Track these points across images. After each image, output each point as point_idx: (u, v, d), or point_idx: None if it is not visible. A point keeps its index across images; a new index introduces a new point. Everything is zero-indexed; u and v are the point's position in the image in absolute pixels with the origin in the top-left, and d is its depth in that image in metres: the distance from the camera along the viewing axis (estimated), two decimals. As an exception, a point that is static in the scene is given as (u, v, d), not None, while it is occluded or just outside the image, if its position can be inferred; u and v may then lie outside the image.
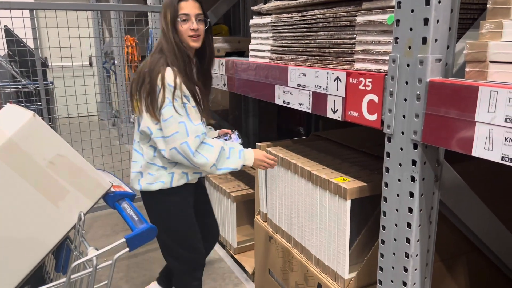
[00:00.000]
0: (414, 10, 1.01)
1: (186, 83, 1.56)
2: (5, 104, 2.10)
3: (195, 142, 1.55)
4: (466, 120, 0.91)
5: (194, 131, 1.55)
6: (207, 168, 1.59)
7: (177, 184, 1.66)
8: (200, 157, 1.56)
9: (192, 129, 1.55)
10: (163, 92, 1.53)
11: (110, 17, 5.22)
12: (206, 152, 1.58)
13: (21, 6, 2.45)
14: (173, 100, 1.52)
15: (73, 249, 0.90)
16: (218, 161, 1.60)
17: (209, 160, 1.58)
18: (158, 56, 1.60)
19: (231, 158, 1.64)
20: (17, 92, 3.68)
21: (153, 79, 1.54)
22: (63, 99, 2.92)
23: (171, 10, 1.59)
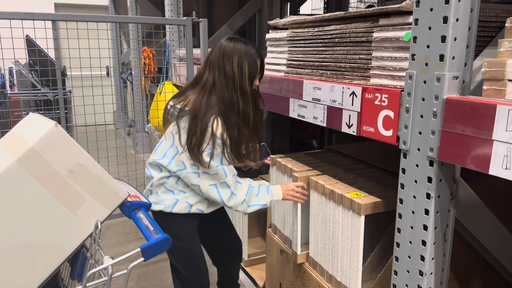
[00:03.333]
0: (431, 27, 1.02)
1: (234, 134, 1.54)
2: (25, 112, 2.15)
3: (233, 180, 1.60)
4: (483, 138, 0.91)
5: (231, 171, 1.59)
6: (238, 206, 1.62)
7: (178, 211, 1.66)
8: (233, 197, 1.60)
9: (229, 169, 1.58)
10: (210, 142, 1.51)
11: (128, 29, 5.32)
12: (237, 189, 1.61)
13: (44, 17, 2.51)
14: (214, 149, 1.52)
15: (88, 257, 0.92)
16: (248, 198, 1.63)
17: (239, 198, 1.61)
18: (212, 100, 1.54)
19: (260, 195, 1.65)
20: (36, 100, 3.76)
21: (204, 126, 1.51)
22: (80, 108, 2.97)
23: (251, 64, 1.55)
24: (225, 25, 3.46)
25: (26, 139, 0.87)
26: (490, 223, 1.32)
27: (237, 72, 1.52)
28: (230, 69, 1.53)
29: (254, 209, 1.65)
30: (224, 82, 1.53)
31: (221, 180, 1.58)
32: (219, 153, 1.54)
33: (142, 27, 4.92)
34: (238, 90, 1.53)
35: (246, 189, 1.63)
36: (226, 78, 1.53)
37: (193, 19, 2.84)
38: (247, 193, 1.62)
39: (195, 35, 3.10)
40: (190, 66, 2.95)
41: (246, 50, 1.56)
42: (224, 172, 1.57)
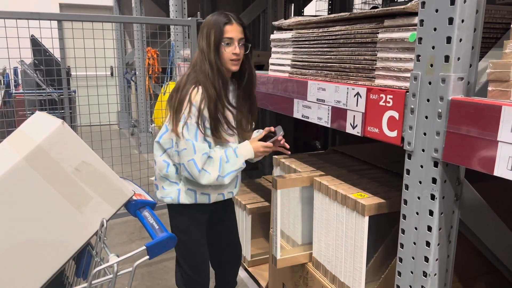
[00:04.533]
0: (436, 28, 1.02)
1: (211, 107, 1.56)
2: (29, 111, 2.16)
3: (202, 159, 1.57)
4: (488, 139, 0.91)
5: (200, 149, 1.57)
6: (214, 182, 1.60)
7: (185, 201, 1.69)
8: (204, 174, 1.58)
9: (199, 147, 1.56)
10: (186, 110, 1.55)
11: (132, 29, 5.33)
12: (209, 166, 1.59)
13: (50, 17, 2.53)
14: (188, 118, 1.54)
15: (94, 255, 0.92)
16: (222, 170, 1.61)
17: (212, 175, 1.59)
18: (192, 75, 1.61)
19: (231, 161, 1.62)
20: (40, 100, 3.78)
21: (182, 96, 1.56)
22: (85, 108, 2.99)
23: (216, 31, 1.57)
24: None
25: (33, 137, 0.87)
26: (495, 225, 1.32)
27: (205, 43, 1.58)
28: (202, 41, 1.60)
29: (230, 177, 1.63)
30: (200, 56, 1.60)
31: (188, 157, 1.56)
32: (194, 124, 1.54)
33: (147, 27, 4.93)
34: (207, 61, 1.57)
35: (218, 163, 1.60)
36: (201, 52, 1.60)
37: (198, 19, 2.85)
38: (219, 167, 1.60)
39: (199, 36, 3.10)
40: (194, 67, 2.95)
41: (214, 19, 1.60)
42: (194, 149, 1.55)
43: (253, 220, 2.55)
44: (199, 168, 1.56)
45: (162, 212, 3.62)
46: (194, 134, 1.56)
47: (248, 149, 1.65)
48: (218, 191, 1.74)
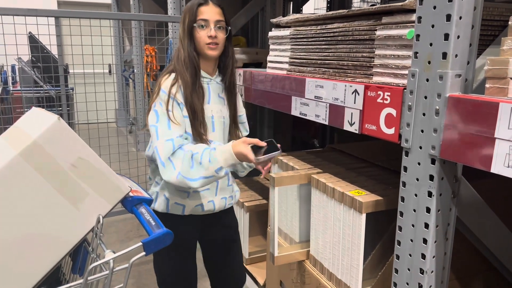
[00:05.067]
0: (434, 25, 1.02)
1: (187, 93, 1.43)
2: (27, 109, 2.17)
3: (166, 146, 1.35)
4: (486, 136, 0.91)
5: (165, 134, 1.36)
6: (175, 181, 1.35)
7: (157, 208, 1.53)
8: (167, 167, 1.35)
9: (163, 132, 1.37)
10: (155, 97, 1.43)
11: (131, 26, 5.32)
12: (176, 158, 1.36)
13: (47, 14, 2.52)
14: (157, 105, 1.41)
15: (90, 251, 0.92)
16: (185, 170, 1.33)
17: (175, 170, 1.34)
18: (170, 66, 1.52)
19: (203, 163, 1.33)
20: (38, 97, 3.77)
21: (157, 86, 1.47)
22: (82, 105, 2.98)
23: (190, 14, 1.46)
24: (228, 23, 3.46)
25: (29, 132, 0.87)
26: (492, 222, 1.32)
27: (181, 29, 1.49)
28: (180, 28, 1.51)
29: (197, 184, 1.34)
30: (178, 41, 1.52)
31: (153, 144, 1.41)
32: (161, 110, 1.39)
33: (145, 24, 4.92)
34: (182, 47, 1.48)
35: (186, 158, 1.34)
36: (179, 37, 1.51)
37: (196, 17, 2.84)
38: (184, 164, 1.33)
39: (197, 33, 3.09)
40: (192, 64, 2.95)
41: (190, 2, 1.50)
42: (156, 134, 1.38)
43: (250, 217, 2.55)
44: (161, 158, 1.34)
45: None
46: (161, 121, 1.39)
47: (227, 154, 1.33)
48: (195, 200, 1.54)
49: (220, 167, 1.32)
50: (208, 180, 1.34)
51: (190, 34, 1.47)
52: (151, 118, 1.40)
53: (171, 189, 1.50)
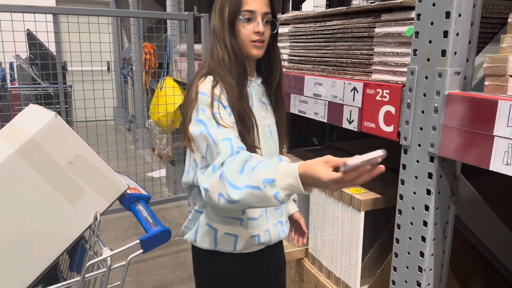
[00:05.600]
0: (433, 22, 1.01)
1: (232, 96, 1.13)
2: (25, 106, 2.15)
3: (223, 147, 1.03)
4: (485, 134, 0.91)
5: (218, 135, 1.06)
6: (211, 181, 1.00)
7: (201, 244, 1.24)
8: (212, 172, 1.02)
9: (215, 134, 1.06)
10: (195, 104, 1.12)
11: (129, 24, 5.31)
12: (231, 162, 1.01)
13: (45, 11, 2.51)
14: (199, 113, 1.10)
15: (87, 249, 0.92)
16: (232, 170, 0.98)
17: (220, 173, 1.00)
18: (204, 67, 1.21)
19: (257, 169, 0.96)
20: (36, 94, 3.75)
21: (191, 92, 1.15)
22: (80, 103, 2.97)
23: (231, 3, 1.16)
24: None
25: (26, 129, 0.87)
26: (490, 221, 1.32)
27: (218, 21, 1.19)
28: (214, 19, 1.21)
29: (241, 195, 0.94)
30: (212, 37, 1.21)
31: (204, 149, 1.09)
32: (209, 115, 1.08)
33: (143, 21, 4.91)
34: (221, 44, 1.17)
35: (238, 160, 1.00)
36: (213, 33, 1.21)
37: (195, 14, 2.84)
38: (231, 163, 0.99)
39: (196, 31, 3.09)
40: (191, 62, 2.95)
41: None
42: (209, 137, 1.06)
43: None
44: (215, 163, 1.02)
45: (157, 208, 3.62)
46: (208, 126, 1.08)
47: (287, 169, 0.93)
48: (250, 229, 1.22)
49: (273, 180, 0.91)
50: (252, 195, 0.93)
51: (232, 27, 1.17)
52: (194, 129, 1.10)
53: (219, 216, 1.20)
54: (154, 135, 4.68)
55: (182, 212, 3.57)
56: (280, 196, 0.91)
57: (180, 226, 1.36)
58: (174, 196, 3.57)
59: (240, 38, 1.18)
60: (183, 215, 3.49)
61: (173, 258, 2.80)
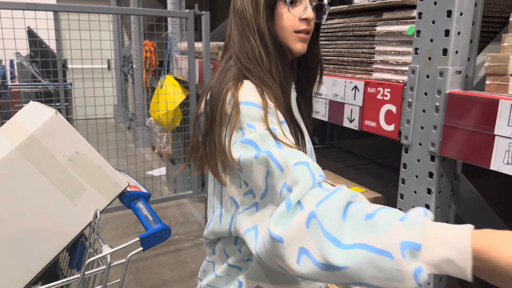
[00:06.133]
0: (435, 21, 1.01)
1: (281, 106, 0.84)
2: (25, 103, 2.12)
3: (300, 174, 0.69)
4: (485, 133, 0.90)
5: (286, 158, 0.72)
6: (293, 227, 0.64)
7: None
8: (294, 209, 0.66)
9: (281, 156, 0.72)
10: (233, 121, 0.79)
11: (130, 21, 5.30)
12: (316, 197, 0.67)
13: (45, 8, 2.50)
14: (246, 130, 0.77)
15: (87, 246, 0.91)
16: (333, 214, 0.63)
17: (307, 209, 0.65)
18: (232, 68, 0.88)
19: (381, 223, 0.60)
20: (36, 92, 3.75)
21: (216, 102, 0.83)
22: (81, 101, 2.97)
23: None
24: (228, 19, 3.45)
25: (26, 126, 0.86)
26: (491, 220, 1.32)
27: (249, 3, 0.88)
28: (241, 3, 0.90)
29: (345, 257, 0.59)
30: (240, 25, 0.89)
31: (276, 180, 0.72)
32: (263, 132, 0.76)
33: (144, 19, 4.90)
34: (255, 34, 0.87)
35: (329, 195, 0.66)
36: (241, 18, 0.89)
37: (195, 12, 2.83)
38: (329, 202, 0.65)
39: (197, 29, 3.09)
40: (191, 60, 2.94)
41: None
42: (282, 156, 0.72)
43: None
44: (291, 198, 0.67)
45: (157, 206, 3.62)
46: (268, 146, 0.75)
47: (448, 237, 0.58)
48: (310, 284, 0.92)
49: (417, 246, 0.56)
50: (369, 263, 0.57)
51: (271, 12, 0.88)
52: (242, 153, 0.76)
53: (274, 273, 0.87)
54: (154, 134, 4.68)
55: (182, 210, 3.57)
56: (422, 276, 0.55)
57: (180, 225, 1.33)
58: (174, 194, 3.57)
59: (281, 27, 0.88)
60: (182, 214, 3.50)
61: (172, 257, 2.80)
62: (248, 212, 0.79)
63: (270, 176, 0.73)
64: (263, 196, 0.76)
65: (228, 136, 0.80)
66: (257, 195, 0.78)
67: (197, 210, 3.57)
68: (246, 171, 0.77)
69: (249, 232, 0.76)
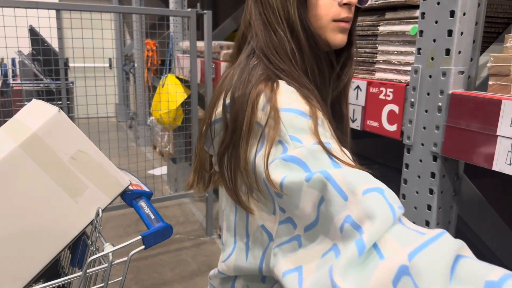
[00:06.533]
0: (438, 21, 1.01)
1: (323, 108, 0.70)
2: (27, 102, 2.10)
3: (376, 205, 0.53)
4: (488, 133, 0.90)
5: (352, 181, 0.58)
6: (386, 271, 0.46)
7: None
8: (371, 256, 0.49)
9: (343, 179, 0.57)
10: (273, 130, 0.63)
11: (131, 20, 5.31)
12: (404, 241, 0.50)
13: (48, 7, 2.50)
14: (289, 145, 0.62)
15: (89, 244, 0.91)
16: (440, 282, 0.44)
17: (397, 256, 0.47)
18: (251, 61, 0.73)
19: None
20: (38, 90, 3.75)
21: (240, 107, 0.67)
22: (82, 99, 2.97)
23: None
24: (230, 18, 3.45)
25: (29, 124, 0.86)
26: (493, 221, 1.32)
27: None
28: None
29: None
30: (263, 15, 0.74)
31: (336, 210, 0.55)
32: (314, 147, 0.61)
33: (146, 18, 4.91)
34: (283, 22, 0.72)
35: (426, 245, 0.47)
36: (263, 6, 0.74)
37: (198, 11, 2.83)
38: (421, 255, 0.46)
39: (199, 28, 3.09)
40: (193, 59, 2.94)
41: None
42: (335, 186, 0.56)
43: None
44: (364, 239, 0.50)
45: (158, 206, 3.62)
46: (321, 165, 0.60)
47: None
48: None
49: None
50: None
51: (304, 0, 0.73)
52: (286, 174, 0.60)
53: None
54: (156, 133, 4.68)
55: (183, 210, 3.58)
56: None
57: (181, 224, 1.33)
58: (175, 194, 3.58)
59: (317, 16, 0.73)
60: (183, 213, 3.50)
61: (173, 256, 2.80)
62: (287, 248, 0.61)
63: (326, 204, 0.56)
64: (309, 227, 0.59)
65: (262, 151, 0.63)
66: (300, 226, 0.60)
67: (198, 209, 3.57)
68: (290, 197, 0.59)
69: (289, 275, 0.58)
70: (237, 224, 0.76)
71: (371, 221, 0.51)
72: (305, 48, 0.72)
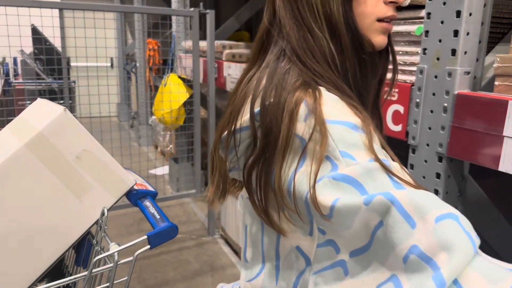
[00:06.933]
0: (444, 21, 1.01)
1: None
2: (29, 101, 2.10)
3: (457, 237, 0.46)
4: (494, 134, 0.90)
5: (426, 203, 0.48)
6: None
7: None
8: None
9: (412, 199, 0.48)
10: (320, 145, 0.55)
11: (133, 19, 5.30)
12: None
13: (51, 6, 2.51)
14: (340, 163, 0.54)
15: (94, 244, 0.91)
16: None
17: None
18: (281, 64, 0.64)
19: None
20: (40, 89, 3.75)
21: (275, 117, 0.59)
22: (84, 99, 2.97)
23: None
24: (232, 17, 3.45)
25: (35, 124, 0.86)
26: (497, 222, 1.32)
27: None
28: None
29: None
30: (296, 10, 0.65)
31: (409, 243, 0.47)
32: (368, 166, 0.53)
33: (148, 17, 4.91)
34: (322, 19, 0.64)
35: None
36: (298, 3, 0.65)
37: (200, 10, 2.83)
38: None
39: (201, 28, 3.09)
40: (196, 59, 2.94)
41: None
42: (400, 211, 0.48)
43: (252, 213, 2.54)
44: (446, 275, 0.44)
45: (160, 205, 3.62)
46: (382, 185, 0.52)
47: None
48: None
49: None
50: None
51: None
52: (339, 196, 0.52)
53: None
54: (157, 132, 4.68)
55: (185, 209, 3.58)
56: None
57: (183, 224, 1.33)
58: (177, 193, 3.58)
59: (362, 14, 0.65)
60: (185, 213, 3.50)
61: (175, 256, 2.80)
62: (330, 276, 0.54)
63: (386, 229, 0.49)
64: (357, 252, 0.52)
65: (305, 169, 0.55)
66: (344, 250, 0.53)
67: (199, 209, 3.57)
68: (340, 220, 0.52)
69: None
70: (265, 243, 0.69)
71: (449, 254, 0.44)
72: (348, 51, 0.64)
